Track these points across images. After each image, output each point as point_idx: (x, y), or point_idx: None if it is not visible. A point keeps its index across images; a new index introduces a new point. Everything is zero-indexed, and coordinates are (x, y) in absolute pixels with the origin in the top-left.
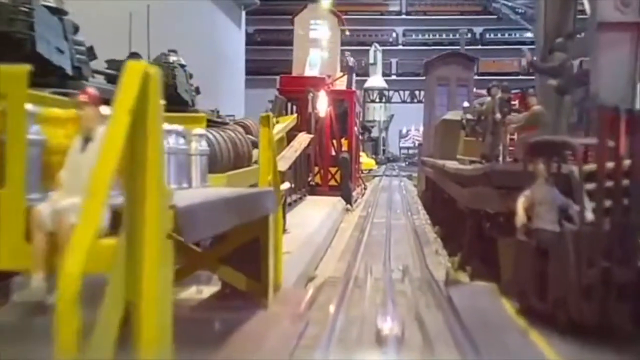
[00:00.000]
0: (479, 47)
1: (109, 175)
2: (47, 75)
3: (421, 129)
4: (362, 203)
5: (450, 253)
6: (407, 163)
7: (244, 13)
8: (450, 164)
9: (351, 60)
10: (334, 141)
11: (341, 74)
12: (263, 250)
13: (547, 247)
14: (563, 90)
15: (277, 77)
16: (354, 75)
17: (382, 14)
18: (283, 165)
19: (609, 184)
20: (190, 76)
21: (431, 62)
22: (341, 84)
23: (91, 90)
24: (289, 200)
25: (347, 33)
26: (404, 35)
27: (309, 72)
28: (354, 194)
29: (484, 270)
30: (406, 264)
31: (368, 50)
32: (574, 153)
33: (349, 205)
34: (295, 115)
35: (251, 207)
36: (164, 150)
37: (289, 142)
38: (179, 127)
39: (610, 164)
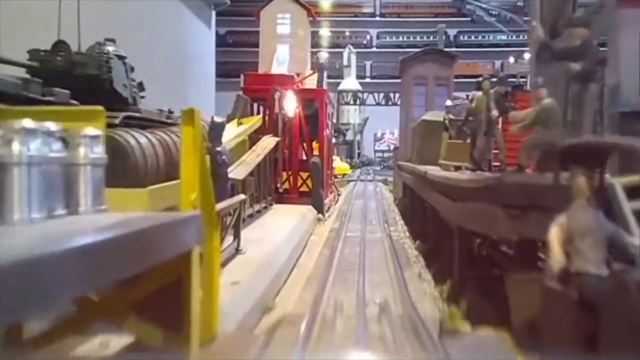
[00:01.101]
0: (453, 49)
1: None
2: None
3: (396, 132)
4: (335, 212)
5: (436, 276)
6: (382, 167)
7: (214, 13)
8: (433, 171)
9: (322, 57)
10: (304, 144)
11: (311, 72)
12: (184, 295)
13: (594, 299)
14: (587, 77)
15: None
16: (325, 73)
17: (355, 16)
18: (240, 173)
19: None
20: (132, 69)
21: (407, 60)
22: (311, 83)
23: None
24: (250, 211)
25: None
26: (378, 37)
27: (277, 69)
28: (326, 201)
29: (483, 305)
30: (384, 295)
31: (342, 52)
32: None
33: (320, 215)
34: (260, 116)
35: (155, 245)
36: None
37: (253, 145)
38: (50, 126)
39: None
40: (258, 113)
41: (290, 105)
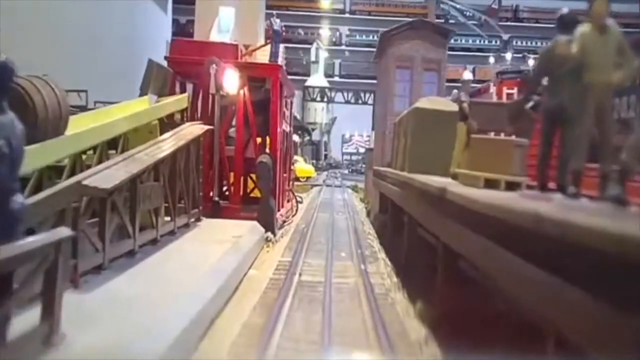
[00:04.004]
0: None
1: None
2: None
3: (365, 134)
4: (291, 229)
5: None
6: (350, 170)
7: None
8: (466, 190)
9: (277, 23)
10: (254, 139)
11: (263, 43)
12: None
13: None
14: None
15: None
16: (280, 45)
17: (326, 12)
18: (106, 179)
19: None
20: None
21: (389, 35)
22: (263, 58)
23: None
24: (151, 235)
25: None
26: (348, 35)
27: (217, 39)
28: (280, 213)
29: None
30: None
31: (309, 48)
32: None
33: (270, 234)
34: (185, 94)
35: None
36: None
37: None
38: None
39: None
40: (195, 95)
41: (231, 83)
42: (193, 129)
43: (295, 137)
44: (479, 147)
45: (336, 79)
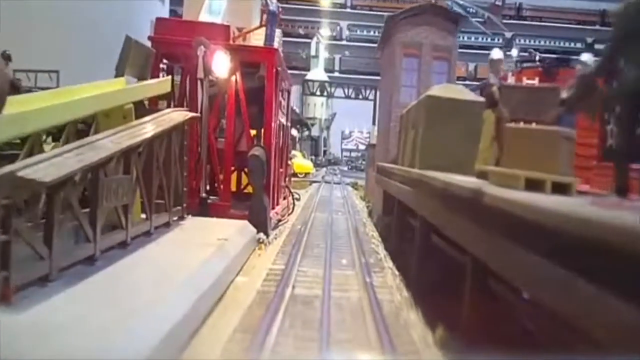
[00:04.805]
0: None
1: None
2: None
3: (365, 130)
4: (286, 229)
5: None
6: (349, 167)
7: None
8: (512, 194)
9: (273, 4)
10: (247, 131)
11: (257, 26)
12: None
13: None
14: None
15: None
16: (275, 28)
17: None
18: (47, 172)
19: None
20: None
21: (395, 20)
22: (257, 41)
23: None
24: (119, 236)
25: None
26: (348, 30)
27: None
28: (275, 211)
29: None
30: None
31: (309, 43)
32: None
33: (262, 235)
34: (168, 77)
35: None
36: None
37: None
38: None
39: None
40: (185, 80)
41: (221, 68)
42: (175, 115)
43: (294, 132)
44: (514, 140)
45: (336, 74)
